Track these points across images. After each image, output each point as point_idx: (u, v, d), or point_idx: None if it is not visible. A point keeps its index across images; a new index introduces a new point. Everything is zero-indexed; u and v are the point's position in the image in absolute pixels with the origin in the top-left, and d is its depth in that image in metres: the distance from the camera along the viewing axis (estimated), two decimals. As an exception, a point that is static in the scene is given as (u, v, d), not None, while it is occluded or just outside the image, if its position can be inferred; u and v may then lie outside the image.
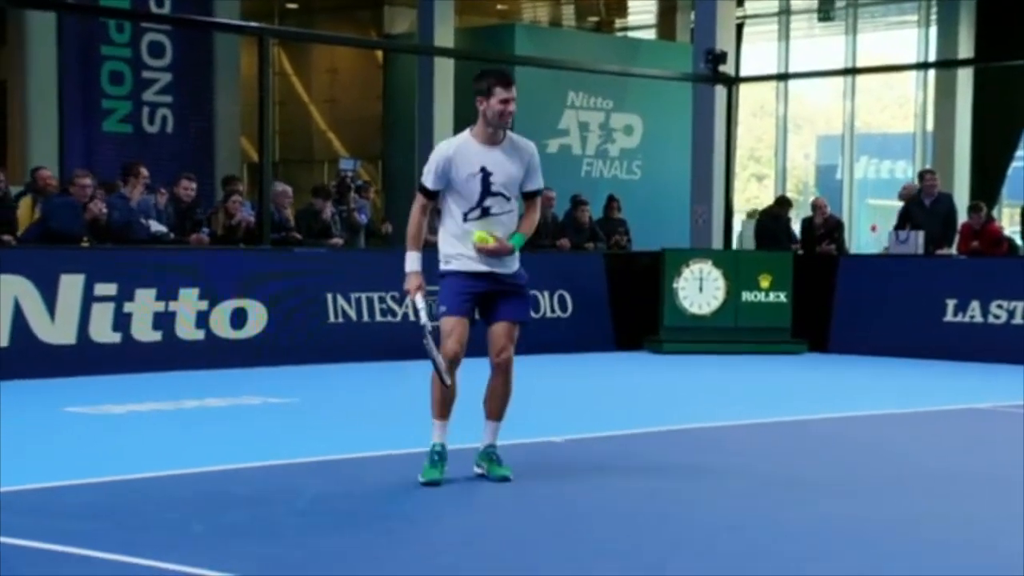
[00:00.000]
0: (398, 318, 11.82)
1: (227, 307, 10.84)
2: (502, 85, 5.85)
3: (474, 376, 6.25)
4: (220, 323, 10.80)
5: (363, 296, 11.66)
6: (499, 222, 5.91)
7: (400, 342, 11.70)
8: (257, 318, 10.99)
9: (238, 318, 10.91)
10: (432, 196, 5.95)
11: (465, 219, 5.90)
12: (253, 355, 10.86)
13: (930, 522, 5.45)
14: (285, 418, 8.31)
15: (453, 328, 5.93)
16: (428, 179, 5.92)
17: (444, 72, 17.98)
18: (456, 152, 5.88)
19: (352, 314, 11.59)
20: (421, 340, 5.90)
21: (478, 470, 6.13)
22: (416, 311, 5.93)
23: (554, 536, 5.10)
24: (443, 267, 6.03)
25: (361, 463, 6.62)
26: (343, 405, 9.05)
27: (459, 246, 5.95)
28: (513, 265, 6.03)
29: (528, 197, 6.08)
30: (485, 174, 5.85)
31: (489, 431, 6.13)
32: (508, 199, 5.91)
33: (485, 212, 5.88)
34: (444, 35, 18.14)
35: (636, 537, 5.10)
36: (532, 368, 11.52)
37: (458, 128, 18.53)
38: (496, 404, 6.11)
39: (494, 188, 5.86)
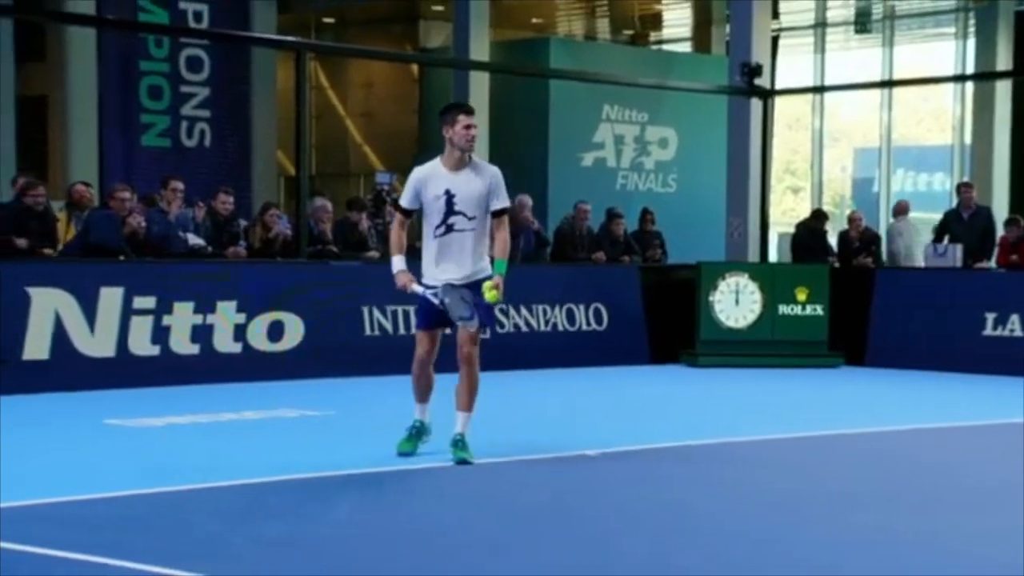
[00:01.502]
0: (433, 331, 11.82)
1: (264, 320, 10.89)
2: (464, 113, 6.83)
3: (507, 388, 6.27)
4: (257, 336, 10.85)
5: (399, 309, 11.69)
6: (460, 237, 6.81)
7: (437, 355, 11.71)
8: (294, 331, 11.04)
9: (275, 331, 10.96)
10: (407, 214, 7.01)
11: (434, 235, 6.84)
12: (290, 368, 10.90)
13: (965, 537, 5.41)
14: (322, 430, 8.35)
15: (420, 340, 6.97)
16: (404, 199, 6.98)
17: (479, 86, 18.02)
18: (427, 176, 6.85)
19: (388, 326, 11.63)
20: (444, 303, 6.74)
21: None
22: (419, 295, 6.85)
23: (585, 549, 5.10)
24: (424, 280, 6.93)
25: (398, 476, 6.64)
26: (379, 417, 9.07)
27: (429, 262, 6.89)
28: (480, 275, 6.85)
29: (495, 215, 6.91)
30: (449, 195, 6.77)
31: (459, 421, 6.93)
32: (470, 218, 6.80)
33: (449, 228, 6.80)
34: (479, 49, 18.21)
35: (666, 551, 5.09)
36: (567, 381, 11.57)
37: (493, 142, 18.73)
38: (461, 396, 6.92)
39: (456, 207, 6.77)
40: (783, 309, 13.16)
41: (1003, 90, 17.88)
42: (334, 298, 11.40)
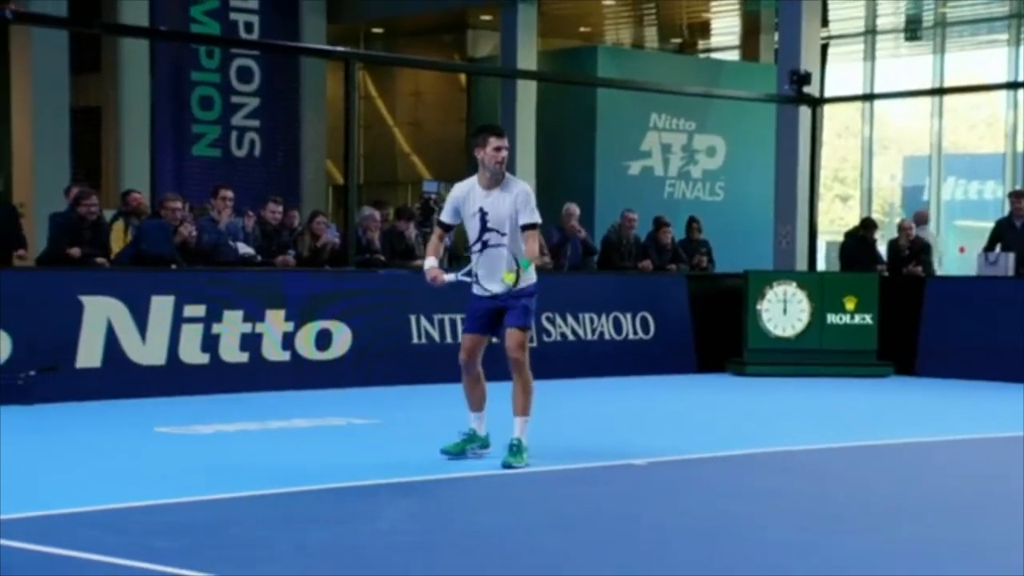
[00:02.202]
0: (480, 339, 11.84)
1: (312, 328, 10.95)
2: (495, 135, 7.05)
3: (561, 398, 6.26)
4: (305, 344, 10.91)
5: (446, 318, 11.73)
6: (496, 252, 7.05)
7: (483, 363, 11.72)
8: (342, 339, 11.09)
9: (323, 339, 11.02)
10: (445, 228, 7.27)
11: (472, 251, 7.13)
12: (338, 376, 10.96)
13: (1013, 550, 5.33)
14: (369, 439, 8.38)
15: (462, 343, 7.23)
16: (443, 214, 7.25)
17: (527, 95, 18.05)
18: (466, 194, 7.11)
19: (435, 335, 11.66)
20: (470, 284, 7.07)
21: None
22: (451, 282, 7.11)
23: (632, 559, 5.08)
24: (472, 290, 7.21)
25: (446, 483, 6.66)
26: (426, 426, 9.10)
27: (475, 275, 7.12)
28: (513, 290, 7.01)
29: (524, 230, 7.07)
30: (483, 214, 7.02)
31: (515, 426, 7.08)
32: (502, 234, 7.02)
33: (484, 245, 7.05)
34: (527, 58, 18.23)
35: (713, 560, 5.07)
36: (614, 390, 11.55)
37: (540, 150, 18.72)
38: (516, 401, 7.09)
39: (489, 225, 7.02)
40: (832, 318, 13.06)
41: (1057, 97, 17.66)
42: (382, 306, 11.45)
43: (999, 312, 12.73)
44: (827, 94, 18.02)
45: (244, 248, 11.88)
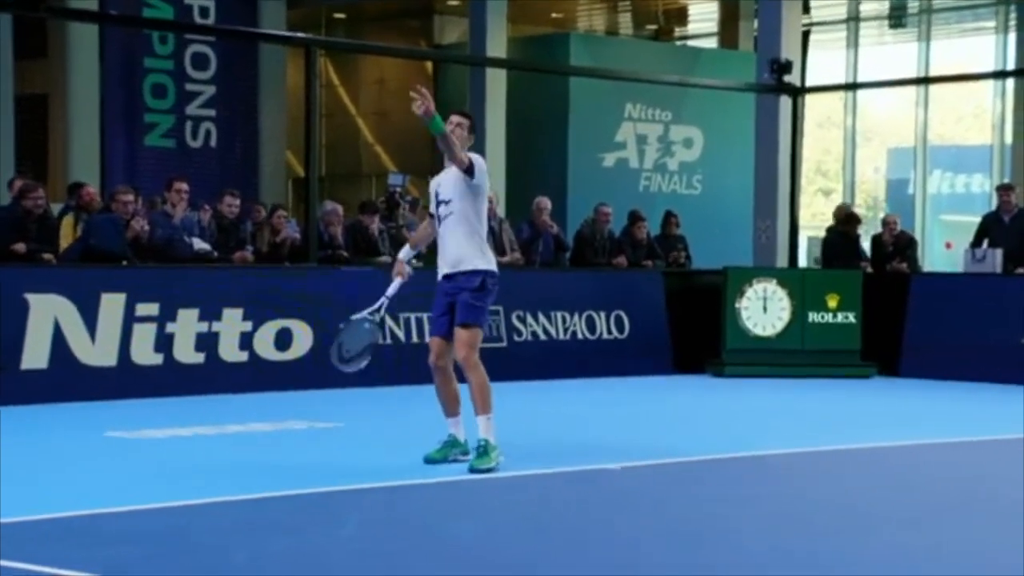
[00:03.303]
0: (448, 339, 11.84)
1: (272, 328, 10.94)
2: (454, 113, 7.36)
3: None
4: (264, 344, 10.89)
5: (412, 316, 11.72)
6: (445, 225, 7.19)
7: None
8: (303, 339, 11.08)
9: (283, 339, 11.00)
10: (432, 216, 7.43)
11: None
12: (298, 378, 10.94)
13: (997, 554, 5.39)
14: (331, 443, 8.37)
15: (431, 345, 7.35)
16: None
17: (496, 84, 18.06)
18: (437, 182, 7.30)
19: (401, 335, 11.65)
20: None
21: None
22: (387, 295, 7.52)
23: (606, 565, 5.10)
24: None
25: (411, 490, 6.66)
26: (391, 429, 9.11)
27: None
28: (463, 265, 7.19)
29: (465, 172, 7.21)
30: (437, 191, 7.25)
31: (479, 426, 7.11)
32: (447, 203, 7.17)
33: (440, 221, 7.23)
34: (496, 45, 18.24)
35: (689, 567, 5.10)
36: (588, 392, 11.58)
37: (510, 142, 18.70)
38: (474, 402, 7.16)
39: (440, 197, 7.22)
40: (813, 317, 13.13)
41: (1045, 87, 17.82)
42: (345, 305, 11.40)
43: (986, 310, 12.84)
44: (809, 83, 18.13)
45: (199, 243, 11.84)
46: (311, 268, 11.71)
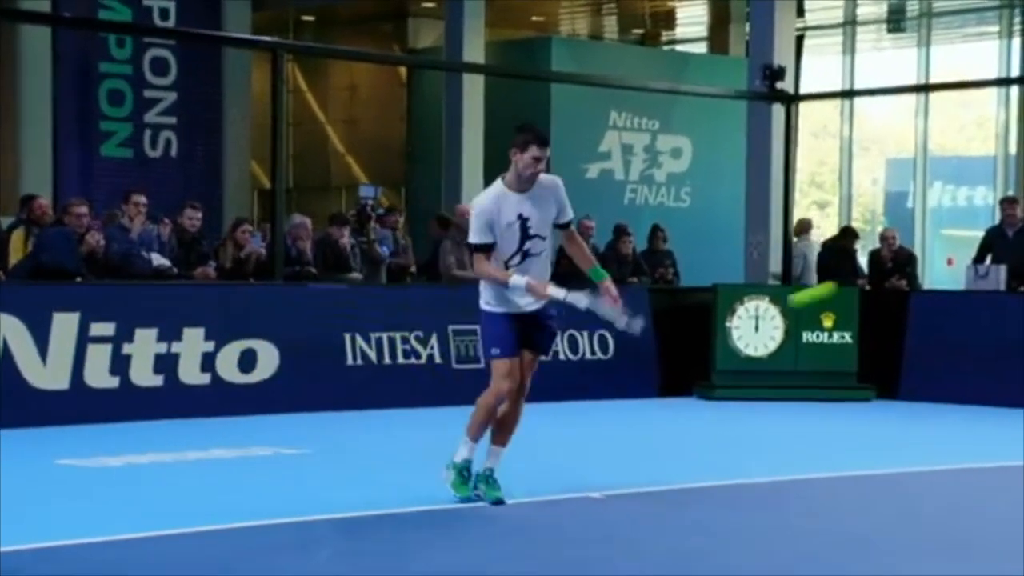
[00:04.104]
0: (422, 360, 11.87)
1: (235, 348, 10.91)
2: (538, 144, 6.88)
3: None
4: (227, 366, 10.87)
5: (384, 336, 11.73)
6: (538, 260, 6.96)
7: (425, 387, 11.76)
8: (268, 360, 11.05)
9: (247, 360, 10.97)
10: (489, 249, 6.89)
11: (507, 265, 6.91)
12: (263, 401, 10.91)
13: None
14: (298, 470, 8.36)
15: (511, 369, 6.92)
16: (481, 237, 6.88)
17: (474, 90, 18.10)
18: (496, 206, 6.88)
19: (372, 356, 11.66)
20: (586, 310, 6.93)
21: (476, 492, 6.99)
22: (564, 300, 6.90)
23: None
24: (484, 307, 7.05)
25: (380, 520, 6.65)
26: (362, 456, 9.10)
27: (493, 288, 6.97)
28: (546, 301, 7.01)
29: (564, 228, 7.10)
30: (523, 221, 6.87)
31: (495, 456, 7.07)
32: (543, 239, 6.94)
33: (525, 255, 6.91)
34: (474, 49, 18.29)
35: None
36: (569, 416, 11.59)
37: (488, 150, 18.72)
38: (510, 432, 7.09)
39: (531, 231, 6.88)
40: (807, 336, 13.18)
41: (1051, 95, 17.96)
42: (313, 324, 11.43)
43: (990, 330, 12.90)
44: (803, 90, 18.23)
45: (159, 259, 11.83)
46: (277, 285, 11.70)
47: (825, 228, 21.40)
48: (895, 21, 21.31)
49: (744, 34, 20.82)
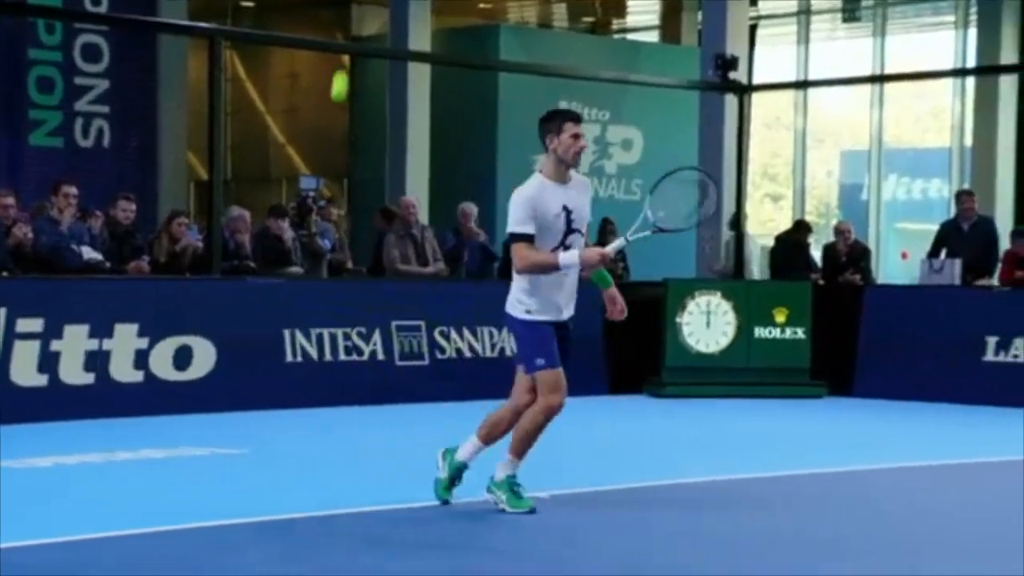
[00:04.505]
0: (365, 356, 11.84)
1: (170, 345, 10.84)
2: (571, 120, 6.76)
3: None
4: (162, 363, 10.79)
5: (325, 332, 11.69)
6: None
7: (367, 384, 11.73)
8: (204, 358, 10.99)
9: (182, 357, 10.91)
10: (532, 240, 6.65)
11: None
12: (199, 400, 10.85)
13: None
14: (233, 471, 8.30)
15: (559, 380, 6.81)
16: (525, 226, 6.63)
17: (419, 79, 18.07)
18: (539, 193, 6.69)
19: (312, 353, 11.61)
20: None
21: (496, 503, 6.83)
22: (621, 247, 6.98)
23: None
24: (525, 316, 6.80)
25: (319, 523, 6.62)
26: (300, 456, 9.06)
27: (538, 295, 6.75)
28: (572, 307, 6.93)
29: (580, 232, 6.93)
30: (568, 213, 6.71)
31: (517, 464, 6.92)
32: (582, 235, 6.82)
33: (566, 250, 6.69)
34: (419, 37, 18.25)
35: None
36: (516, 414, 11.57)
37: (434, 143, 18.66)
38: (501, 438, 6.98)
39: (574, 225, 6.74)
40: (759, 332, 13.25)
41: (1008, 86, 18.13)
42: (251, 320, 11.37)
43: (945, 325, 13.02)
44: (756, 80, 18.35)
45: (90, 253, 11.71)
46: (214, 279, 11.63)
47: (779, 221, 21.53)
48: (850, 11, 21.46)
49: (697, 23, 20.92)
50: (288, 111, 22.21)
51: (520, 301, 6.78)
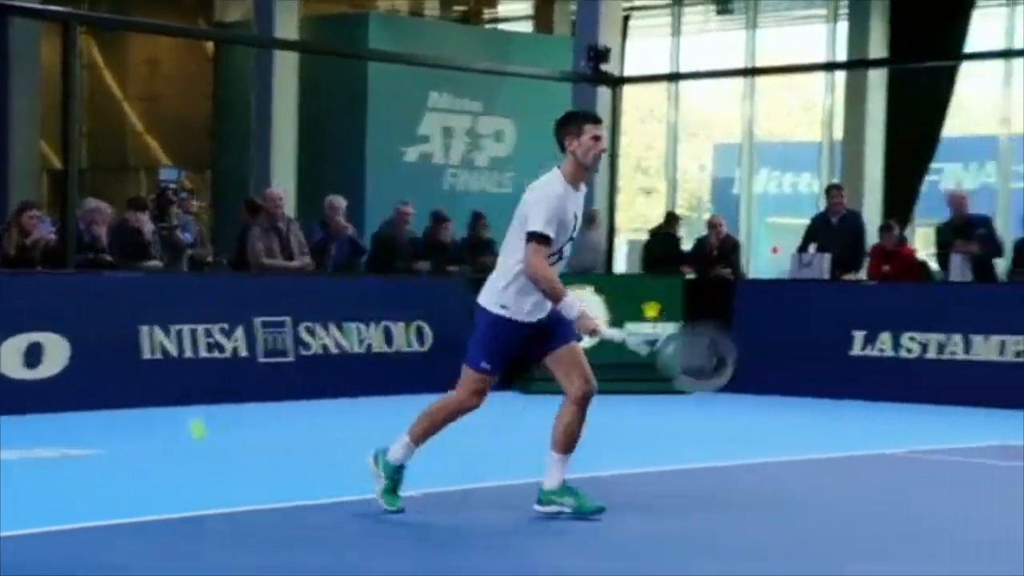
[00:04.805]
0: (227, 353, 11.71)
1: (20, 342, 10.65)
2: (591, 122, 6.69)
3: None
4: (11, 361, 10.61)
5: (185, 328, 11.54)
6: (560, 267, 6.72)
7: (229, 382, 11.60)
8: (56, 354, 10.81)
9: (33, 355, 10.72)
10: (551, 243, 6.52)
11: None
12: (51, 398, 10.67)
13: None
14: (87, 473, 8.16)
15: (485, 390, 6.87)
16: (547, 227, 6.49)
17: (286, 68, 17.92)
18: (565, 194, 6.58)
19: (172, 349, 11.46)
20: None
21: (565, 509, 6.70)
22: (619, 340, 6.90)
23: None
24: (500, 312, 6.68)
25: (177, 525, 6.54)
26: (157, 457, 8.93)
27: (520, 298, 6.62)
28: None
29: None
30: (575, 219, 6.65)
31: (563, 465, 6.81)
32: (575, 243, 6.78)
33: (559, 257, 6.66)
34: (286, 25, 18.09)
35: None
36: (383, 411, 11.51)
37: (301, 133, 18.50)
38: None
39: (572, 233, 6.68)
40: (630, 327, 13.34)
41: (877, 81, 18.51)
42: (107, 316, 11.19)
43: (814, 319, 13.28)
44: (628, 73, 18.50)
45: (-65, 246, 11.43)
46: (68, 274, 11.44)
47: (650, 215, 21.76)
48: (723, 3, 21.72)
49: (570, 13, 21.02)
50: (147, 99, 21.85)
51: (496, 293, 6.67)
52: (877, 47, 18.56)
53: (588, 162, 6.64)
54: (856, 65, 18.73)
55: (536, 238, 6.47)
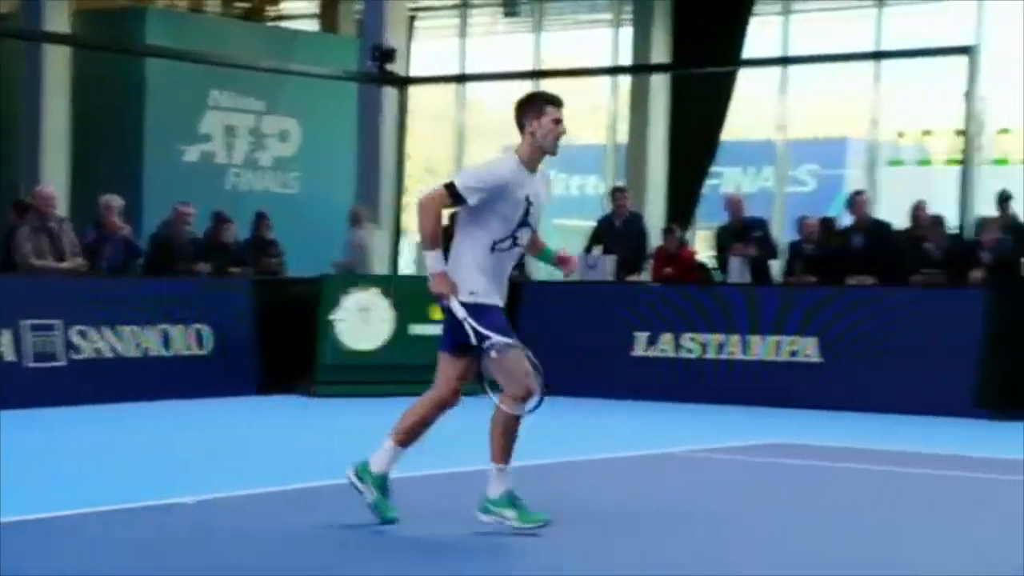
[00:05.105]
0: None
1: None
2: (553, 104, 6.64)
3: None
4: None
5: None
6: (516, 254, 6.68)
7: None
8: None
9: None
10: (457, 205, 6.46)
11: (493, 249, 6.55)
12: None
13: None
14: None
15: (443, 369, 6.79)
16: (471, 194, 6.42)
17: (58, 62, 17.48)
18: (513, 177, 6.50)
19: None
20: (487, 355, 6.69)
21: (507, 521, 6.62)
22: (466, 323, 6.56)
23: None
24: (468, 299, 6.59)
25: (13, 528, 6.33)
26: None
27: (484, 280, 6.59)
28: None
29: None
30: (528, 204, 6.54)
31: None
32: (533, 231, 6.68)
33: (514, 242, 6.59)
34: (57, 18, 17.65)
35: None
36: (159, 417, 11.42)
37: (75, 131, 18.04)
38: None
39: (529, 219, 6.58)
40: (415, 329, 13.42)
41: (660, 86, 19.00)
42: None
43: (598, 320, 13.59)
44: (415, 73, 18.61)
45: None
46: None
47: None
48: (510, 5, 21.99)
49: (355, 13, 21.02)
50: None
51: (463, 280, 6.59)
52: (660, 52, 19.05)
53: (547, 145, 6.62)
54: (639, 70, 19.19)
55: (447, 185, 6.47)
